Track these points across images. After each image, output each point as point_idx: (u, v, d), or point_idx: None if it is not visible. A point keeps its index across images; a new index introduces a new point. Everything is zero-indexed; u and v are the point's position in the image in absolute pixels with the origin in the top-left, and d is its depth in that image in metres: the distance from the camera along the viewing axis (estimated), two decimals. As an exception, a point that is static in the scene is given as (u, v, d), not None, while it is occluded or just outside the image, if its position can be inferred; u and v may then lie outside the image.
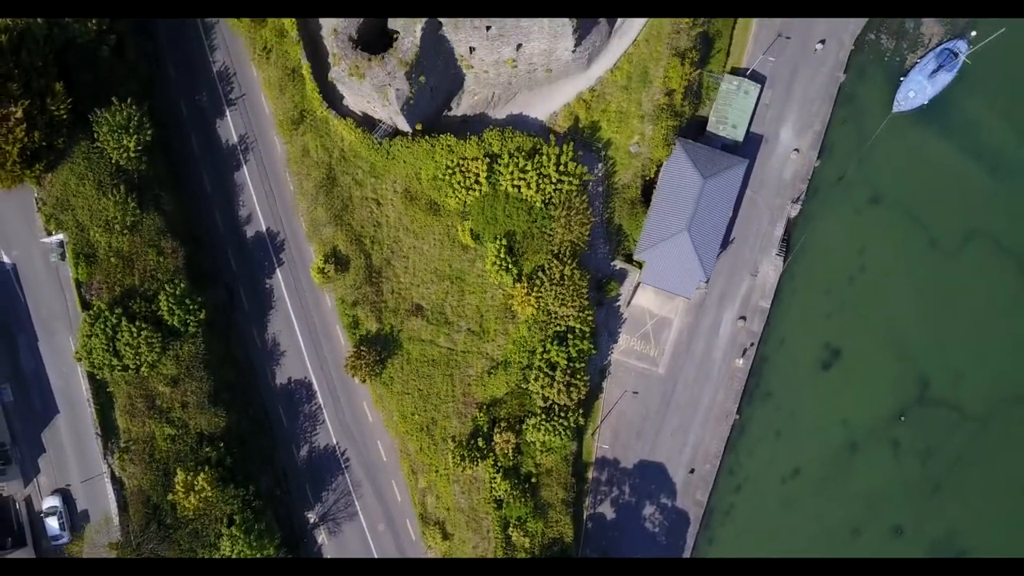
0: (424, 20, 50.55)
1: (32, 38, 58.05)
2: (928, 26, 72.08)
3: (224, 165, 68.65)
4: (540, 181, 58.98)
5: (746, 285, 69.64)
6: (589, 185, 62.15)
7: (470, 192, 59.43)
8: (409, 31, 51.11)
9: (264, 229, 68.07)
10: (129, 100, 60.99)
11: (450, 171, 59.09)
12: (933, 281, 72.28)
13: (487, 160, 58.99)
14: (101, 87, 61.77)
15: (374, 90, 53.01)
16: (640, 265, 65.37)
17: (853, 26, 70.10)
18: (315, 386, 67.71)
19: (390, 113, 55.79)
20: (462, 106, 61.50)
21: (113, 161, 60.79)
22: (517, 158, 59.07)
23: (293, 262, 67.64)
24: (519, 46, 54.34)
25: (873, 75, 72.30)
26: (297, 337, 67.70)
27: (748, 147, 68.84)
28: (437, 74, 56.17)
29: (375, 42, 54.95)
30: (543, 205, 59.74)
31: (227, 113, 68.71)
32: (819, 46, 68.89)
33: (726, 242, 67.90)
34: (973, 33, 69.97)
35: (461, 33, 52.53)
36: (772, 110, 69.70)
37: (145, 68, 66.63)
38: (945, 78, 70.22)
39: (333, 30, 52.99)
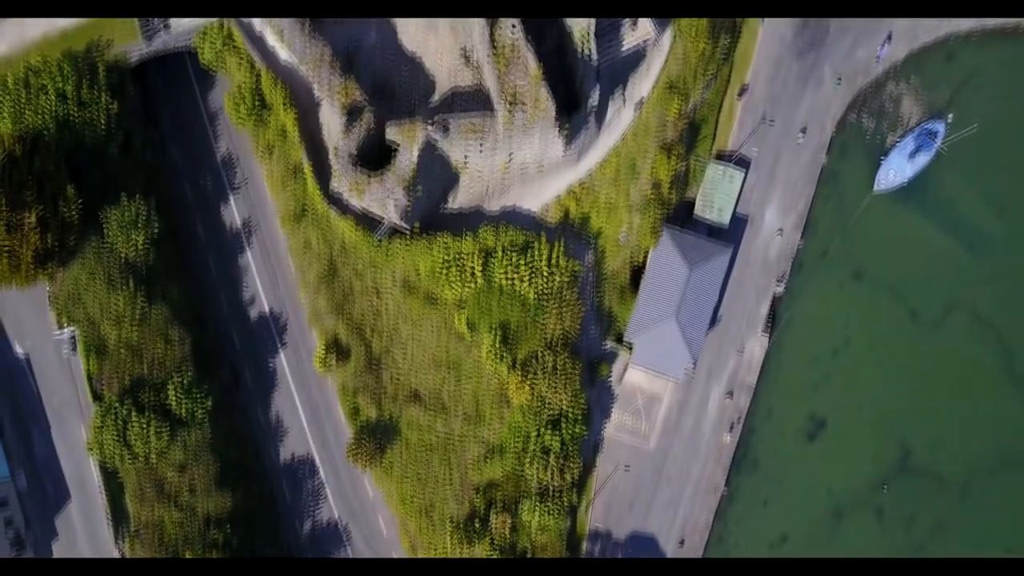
0: (422, 139, 53.03)
1: (44, 144, 60.49)
2: (907, 106, 74.63)
3: (228, 248, 71.13)
4: (533, 276, 61.47)
5: (733, 362, 72.16)
6: (580, 276, 64.54)
7: (466, 286, 61.88)
8: (406, 149, 53.61)
9: (267, 311, 70.55)
10: (137, 196, 63.62)
11: (447, 266, 61.56)
12: (914, 352, 74.80)
13: (482, 255, 61.49)
14: (110, 184, 64.29)
15: (373, 202, 55.51)
16: (630, 347, 67.85)
17: (835, 110, 72.66)
18: (317, 463, 70.18)
19: (389, 217, 58.17)
20: (458, 200, 63.93)
21: (122, 256, 63.30)
22: (511, 253, 61.57)
23: (296, 344, 70.12)
24: (511, 154, 56.85)
25: (855, 153, 74.80)
26: (300, 415, 70.15)
27: (734, 228, 71.36)
28: (433, 179, 58.65)
29: (374, 149, 57.33)
30: (536, 298, 62.22)
31: (231, 198, 71.20)
32: (801, 137, 71.37)
33: (714, 321, 70.35)
34: (950, 117, 72.59)
35: (456, 148, 54.97)
36: (757, 191, 72.22)
37: (151, 156, 68.84)
38: (924, 159, 72.74)
39: (334, 149, 55.49)
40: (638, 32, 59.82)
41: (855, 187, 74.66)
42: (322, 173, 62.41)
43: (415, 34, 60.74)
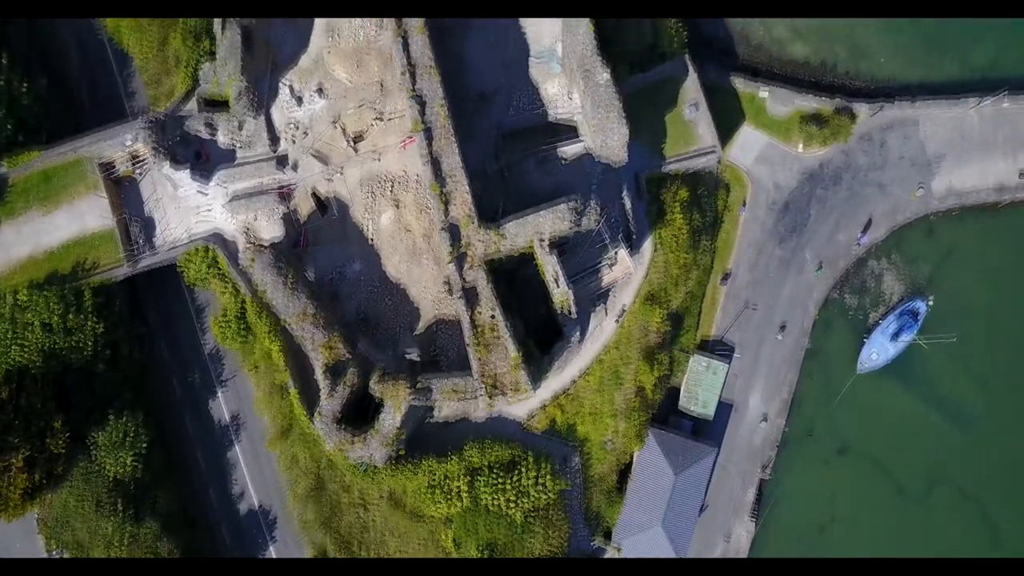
0: (405, 404, 53.53)
1: (31, 379, 60.94)
2: (888, 283, 75.25)
3: (217, 443, 71.46)
4: (519, 496, 61.96)
5: (720, 549, 72.65)
6: (567, 494, 65.05)
7: (452, 506, 62.33)
8: (390, 411, 54.18)
9: (257, 505, 70.93)
10: (124, 414, 64.16)
11: (432, 489, 61.99)
12: (901, 527, 75.46)
13: (468, 475, 61.94)
14: (97, 402, 64.74)
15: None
16: (619, 548, 68.34)
17: (817, 294, 73.32)
18: (309, 658, 70.51)
19: (372, 460, 58.63)
20: (443, 412, 64.31)
21: (110, 477, 63.68)
22: (497, 472, 62.03)
23: (286, 541, 70.44)
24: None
25: (838, 330, 75.39)
26: (291, 610, 70.54)
27: (719, 414, 71.88)
28: (418, 416, 59.12)
29: (361, 392, 57.78)
30: (523, 518, 62.67)
31: (219, 393, 71.55)
32: (780, 334, 72.04)
33: (700, 512, 70.88)
34: (931, 299, 73.33)
35: (441, 405, 55.40)
36: (741, 378, 72.80)
37: (139, 355, 69.20)
38: (906, 338, 73.42)
39: (318, 413, 56.11)
40: (617, 269, 60.44)
41: (839, 364, 75.24)
42: (308, 393, 62.77)
43: (399, 263, 61.33)
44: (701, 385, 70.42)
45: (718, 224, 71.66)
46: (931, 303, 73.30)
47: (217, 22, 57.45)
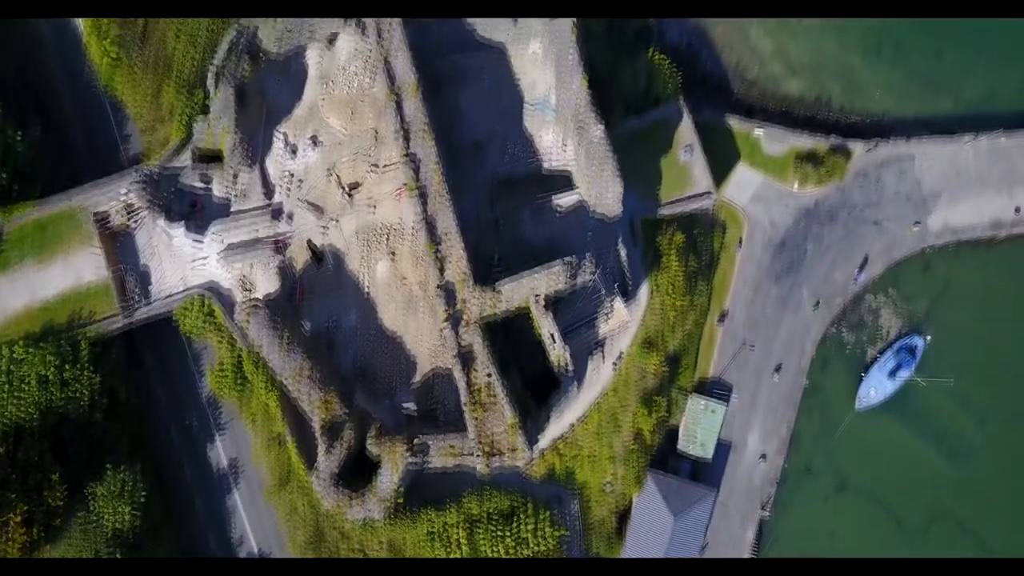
0: (403, 465, 53.42)
1: (28, 434, 60.82)
2: (886, 318, 75.29)
3: (216, 489, 71.24)
4: (518, 546, 61.88)
5: (720, 589, 72.65)
6: (566, 542, 64.99)
7: (451, 555, 62.19)
8: (388, 471, 54.11)
9: (256, 553, 70.80)
10: (123, 465, 64.10)
11: (431, 538, 61.91)
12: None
13: (467, 525, 61.85)
14: (95, 453, 64.59)
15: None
16: (618, 591, 68.37)
17: (815, 333, 73.30)
18: None
19: (370, 516, 58.53)
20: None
21: (109, 528, 63.56)
22: (496, 521, 61.96)
23: (285, 587, 70.44)
24: (492, 455, 57.54)
25: (836, 367, 75.32)
26: (291, 655, 70.40)
27: (717, 455, 71.71)
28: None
29: (359, 449, 57.64)
30: (522, 567, 62.62)
31: (216, 438, 71.45)
32: (776, 376, 72.00)
33: (700, 551, 70.83)
34: (928, 337, 73.34)
35: (438, 463, 55.32)
36: (739, 417, 72.72)
37: (136, 401, 69.09)
38: (904, 375, 73.38)
39: (315, 473, 56.03)
40: (613, 319, 60.41)
41: (838, 401, 75.18)
42: (306, 444, 62.65)
43: (395, 314, 61.27)
44: (700, 425, 70.36)
45: (714, 264, 71.65)
46: (928, 339, 73.33)
47: (211, 77, 57.40)
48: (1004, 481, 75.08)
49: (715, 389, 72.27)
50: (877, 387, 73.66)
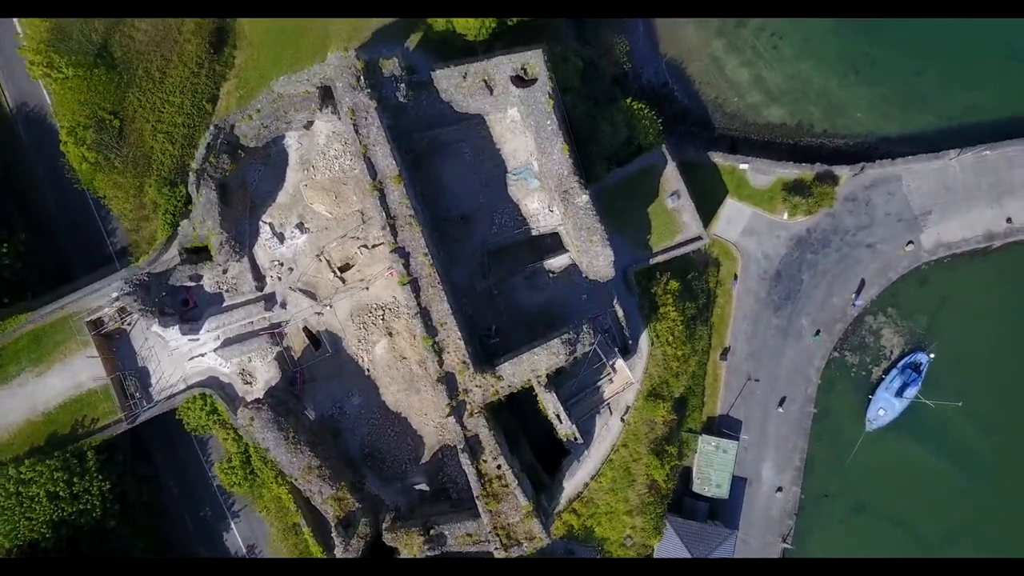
0: (420, 553, 53.23)
1: (41, 550, 60.51)
2: (888, 337, 75.13)
3: None
4: (542, 611, 61.76)
5: (749, 625, 72.62)
6: (590, 602, 64.89)
7: (478, 626, 62.13)
8: (406, 556, 53.99)
9: (282, 634, 70.74)
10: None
11: (456, 611, 61.80)
12: (925, 578, 75.47)
13: (490, 594, 61.73)
14: (112, 554, 64.47)
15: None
16: (646, 640, 68.28)
17: (818, 360, 73.18)
18: None
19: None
20: (459, 530, 64.09)
21: (132, 632, 63.42)
22: (518, 588, 61.80)
23: (314, 666, 70.26)
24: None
25: (843, 389, 75.26)
26: None
27: (733, 491, 71.64)
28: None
29: (376, 536, 57.44)
30: (548, 631, 62.53)
31: (232, 525, 71.28)
32: (780, 409, 71.90)
33: (724, 591, 70.88)
34: (932, 353, 73.24)
35: (451, 540, 55.13)
36: (751, 451, 72.68)
37: (148, 496, 68.80)
38: (911, 393, 73.31)
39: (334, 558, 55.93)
40: (618, 380, 60.18)
41: (847, 424, 75.11)
42: (323, 530, 62.41)
43: (397, 393, 60.99)
44: (713, 466, 70.29)
45: (712, 302, 71.52)
46: (932, 356, 73.23)
47: (192, 180, 57.02)
48: (1019, 490, 75.08)
49: (724, 427, 72.25)
50: (886, 407, 73.57)
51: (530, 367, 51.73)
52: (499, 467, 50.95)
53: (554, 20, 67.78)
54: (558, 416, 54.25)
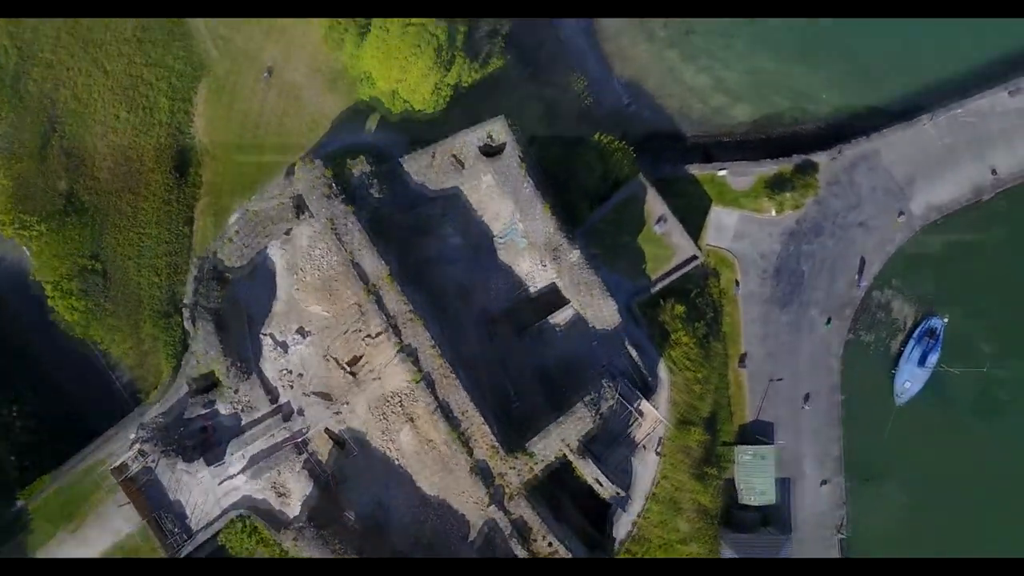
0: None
1: None
2: (898, 308, 75.05)
3: None
4: (620, 661, 61.57)
5: (822, 622, 72.38)
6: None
7: None
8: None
9: None
10: None
11: None
12: (992, 535, 74.88)
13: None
14: None
15: None
16: (726, 661, 68.06)
17: (835, 347, 72.79)
18: None
19: None
20: None
21: None
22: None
23: None
24: None
25: (866, 370, 74.83)
26: None
27: (780, 491, 71.39)
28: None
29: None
30: None
31: (294, 630, 71.15)
32: (805, 406, 71.67)
33: (790, 593, 70.63)
34: (946, 318, 73.09)
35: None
36: (788, 450, 72.39)
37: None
38: (932, 360, 73.19)
39: None
40: (647, 422, 60.00)
41: (876, 401, 74.75)
42: (385, 625, 62.18)
43: (431, 477, 60.65)
44: (754, 475, 69.94)
45: (719, 313, 71.28)
46: (946, 319, 73.11)
47: (187, 317, 56.84)
48: (1061, 431, 75.05)
49: (757, 432, 71.95)
50: (911, 378, 73.48)
51: (559, 438, 51.55)
52: (550, 544, 50.78)
53: (505, 72, 67.44)
54: (598, 480, 54.10)
